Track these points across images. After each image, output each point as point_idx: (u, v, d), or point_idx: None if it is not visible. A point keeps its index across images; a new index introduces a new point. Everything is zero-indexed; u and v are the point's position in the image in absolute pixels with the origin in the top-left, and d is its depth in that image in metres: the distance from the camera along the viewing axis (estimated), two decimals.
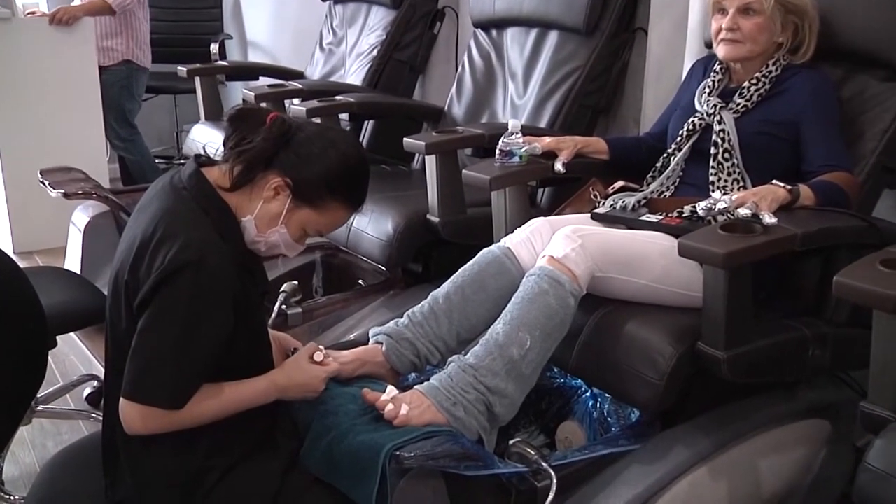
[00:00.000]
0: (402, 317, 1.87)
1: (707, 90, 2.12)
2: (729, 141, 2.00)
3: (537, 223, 2.00)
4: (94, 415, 2.66)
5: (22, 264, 1.58)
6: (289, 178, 1.51)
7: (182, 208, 1.48)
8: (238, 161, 1.51)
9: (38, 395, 2.59)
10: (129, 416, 1.42)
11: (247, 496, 1.50)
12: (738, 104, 2.04)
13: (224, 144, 1.55)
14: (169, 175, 1.57)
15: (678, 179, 2.12)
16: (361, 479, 1.48)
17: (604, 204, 2.13)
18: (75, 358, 3.04)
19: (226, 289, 1.43)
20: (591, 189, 2.23)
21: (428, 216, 2.62)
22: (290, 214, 1.53)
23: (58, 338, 2.37)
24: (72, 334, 2.90)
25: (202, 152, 1.61)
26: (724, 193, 1.87)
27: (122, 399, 1.42)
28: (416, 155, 3.37)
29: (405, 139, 2.60)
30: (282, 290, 2.50)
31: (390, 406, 1.59)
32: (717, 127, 2.03)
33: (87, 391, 2.79)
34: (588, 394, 2.02)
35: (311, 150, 1.51)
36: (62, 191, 2.91)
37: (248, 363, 1.54)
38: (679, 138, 2.11)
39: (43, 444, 2.58)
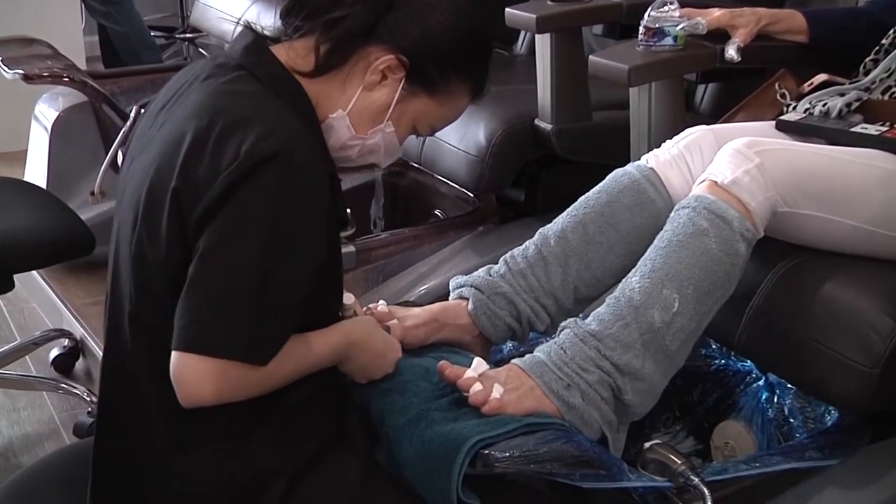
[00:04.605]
0: (496, 262, 1.89)
1: None
2: None
3: (696, 133, 1.98)
4: (63, 385, 2.77)
5: None
6: (404, 56, 1.53)
7: (246, 89, 1.49)
8: (326, 37, 1.52)
9: None
10: (193, 376, 1.37)
11: None
12: None
13: (284, 17, 1.56)
14: (200, 63, 1.57)
15: None
16: (429, 481, 1.52)
17: (796, 108, 2.10)
18: (38, 307, 3.14)
19: (321, 196, 1.44)
20: (777, 86, 2.19)
21: (536, 122, 2.62)
22: (400, 105, 1.57)
23: (15, 278, 2.47)
24: (34, 273, 3.01)
25: (247, 24, 1.60)
26: None
27: (180, 353, 1.38)
28: (522, 34, 3.36)
29: (507, 10, 2.60)
30: None
31: (478, 386, 1.60)
32: None
33: (55, 353, 2.90)
34: (761, 382, 2.02)
35: (431, 12, 1.54)
36: (21, 71, 2.98)
37: (318, 314, 1.54)
38: None
39: None
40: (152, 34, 4.90)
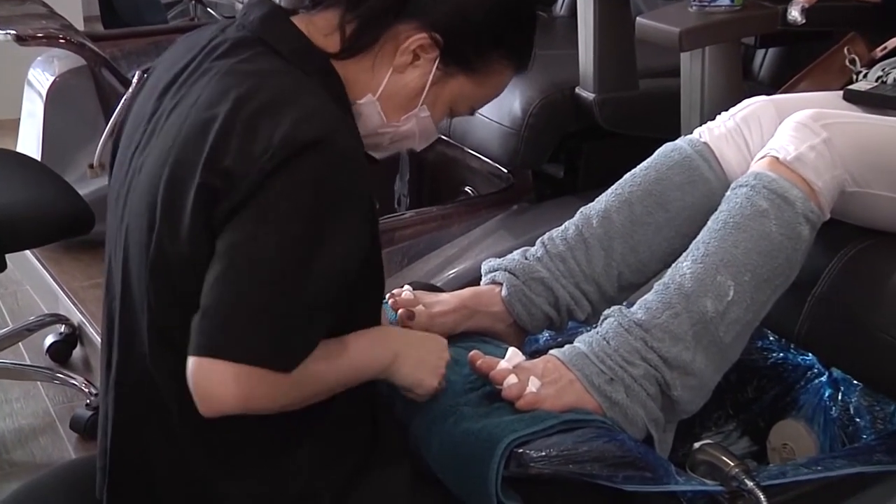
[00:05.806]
0: (532, 245, 1.90)
1: None
2: None
3: (754, 105, 1.98)
4: (59, 374, 2.79)
5: None
6: (437, 33, 1.52)
7: (270, 67, 1.47)
8: (351, 15, 1.51)
9: None
10: (215, 381, 1.35)
11: None
12: None
13: None
14: (206, 35, 1.54)
15: None
16: (463, 484, 1.53)
17: (867, 76, 2.09)
18: (32, 290, 3.16)
19: (365, 184, 1.43)
20: (846, 51, 2.19)
21: (577, 90, 2.62)
22: (435, 88, 1.57)
23: (7, 258, 2.48)
24: (27, 254, 3.02)
25: None
26: None
27: (198, 359, 1.35)
28: None
29: None
30: None
31: (512, 378, 1.61)
32: None
33: (50, 340, 2.92)
34: (824, 378, 2.02)
35: None
36: (13, 32, 3.00)
37: (359, 312, 1.54)
38: None
39: None
40: None
